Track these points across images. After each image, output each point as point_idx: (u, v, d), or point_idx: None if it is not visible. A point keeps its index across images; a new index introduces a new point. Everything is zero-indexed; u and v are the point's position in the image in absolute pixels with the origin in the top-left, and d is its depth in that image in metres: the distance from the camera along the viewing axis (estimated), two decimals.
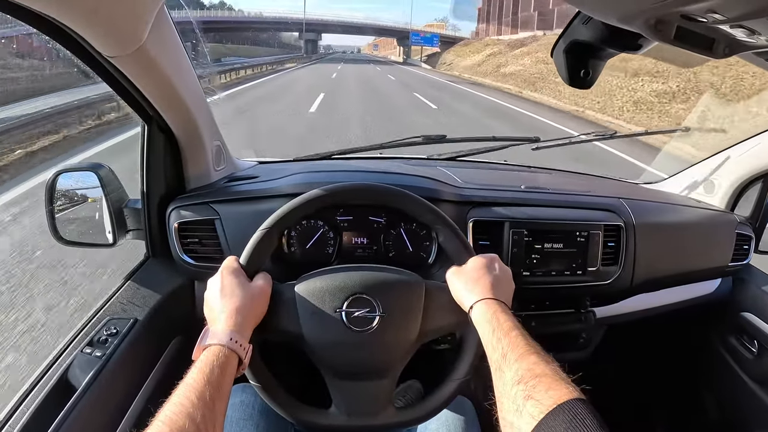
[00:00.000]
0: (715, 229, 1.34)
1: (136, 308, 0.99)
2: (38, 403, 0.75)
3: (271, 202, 1.04)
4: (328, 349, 0.78)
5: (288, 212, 0.83)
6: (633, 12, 0.52)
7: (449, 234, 0.85)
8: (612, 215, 1.16)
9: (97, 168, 1.06)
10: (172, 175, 1.11)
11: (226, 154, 1.25)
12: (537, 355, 0.63)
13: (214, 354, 0.65)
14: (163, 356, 1.01)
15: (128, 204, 1.10)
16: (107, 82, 0.84)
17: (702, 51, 0.57)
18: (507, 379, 0.61)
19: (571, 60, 0.76)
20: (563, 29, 0.74)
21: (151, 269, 1.11)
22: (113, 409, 0.85)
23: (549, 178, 1.51)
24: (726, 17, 0.45)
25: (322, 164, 1.44)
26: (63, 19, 0.66)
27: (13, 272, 2.93)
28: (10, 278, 2.84)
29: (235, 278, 0.76)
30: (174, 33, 0.86)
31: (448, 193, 1.11)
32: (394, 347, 0.80)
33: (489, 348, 0.68)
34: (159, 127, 1.02)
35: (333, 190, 0.85)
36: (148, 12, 0.73)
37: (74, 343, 0.88)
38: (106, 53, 0.75)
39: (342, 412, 0.80)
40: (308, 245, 1.07)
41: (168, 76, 0.88)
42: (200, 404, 0.57)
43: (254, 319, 0.74)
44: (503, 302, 0.75)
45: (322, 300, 0.79)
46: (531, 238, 1.09)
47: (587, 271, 1.12)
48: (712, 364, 1.43)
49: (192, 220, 1.05)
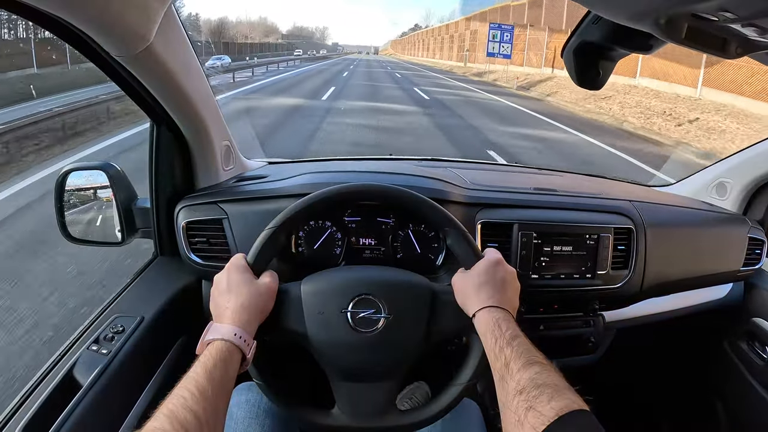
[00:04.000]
0: (727, 232, 1.32)
1: (143, 306, 0.99)
2: (43, 400, 0.75)
3: (279, 202, 1.04)
4: (332, 349, 0.78)
5: (296, 212, 0.83)
6: (643, 11, 0.51)
7: (457, 236, 0.84)
8: (622, 218, 1.15)
9: (106, 167, 1.07)
10: (181, 174, 1.11)
11: (235, 154, 1.26)
12: (540, 365, 0.62)
13: (218, 349, 0.65)
14: (169, 355, 1.01)
15: (137, 203, 1.11)
16: (116, 82, 0.85)
17: (714, 51, 0.56)
18: (509, 389, 0.60)
19: (581, 60, 0.75)
20: (573, 29, 0.73)
21: (159, 268, 1.12)
22: (118, 407, 0.85)
23: (559, 180, 1.50)
24: (737, 16, 0.44)
25: (331, 165, 1.44)
26: (71, 20, 0.66)
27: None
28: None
29: (242, 275, 0.76)
30: (182, 33, 0.87)
31: (456, 194, 1.10)
32: (398, 349, 0.79)
33: (492, 357, 0.68)
34: (168, 126, 1.03)
35: (339, 190, 0.85)
36: (155, 12, 0.74)
37: (80, 340, 0.89)
38: (114, 53, 0.76)
39: (345, 413, 0.79)
40: (316, 246, 1.07)
41: (176, 76, 0.88)
42: (201, 398, 0.57)
43: (259, 317, 0.74)
44: (507, 310, 0.74)
45: (327, 300, 0.79)
46: (540, 240, 1.08)
47: (597, 275, 1.11)
48: (722, 370, 1.41)
49: (200, 219, 1.05)
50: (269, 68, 26.98)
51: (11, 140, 6.07)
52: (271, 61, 31.91)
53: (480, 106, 13.56)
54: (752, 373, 1.31)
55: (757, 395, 1.27)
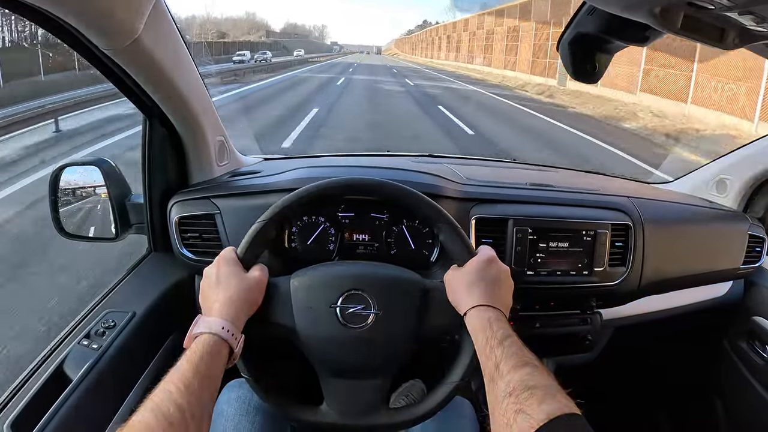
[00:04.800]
0: (727, 230, 1.30)
1: (135, 302, 0.99)
2: (32, 394, 0.75)
3: (272, 197, 1.03)
4: (320, 345, 0.77)
5: (286, 205, 0.82)
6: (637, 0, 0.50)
7: (451, 232, 0.83)
8: (620, 214, 1.14)
9: (100, 163, 1.07)
10: (174, 169, 1.11)
11: (230, 150, 1.25)
12: (531, 366, 0.61)
13: (205, 342, 0.64)
14: (161, 351, 1.01)
15: (131, 198, 1.11)
16: (106, 75, 0.84)
17: (711, 42, 0.55)
18: (499, 391, 0.59)
19: (577, 53, 0.74)
20: (568, 21, 0.72)
21: (152, 264, 1.12)
22: (108, 402, 0.85)
23: (556, 176, 1.48)
24: (734, 3, 0.43)
25: (326, 160, 1.43)
26: (57, 12, 0.65)
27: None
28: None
29: (231, 268, 0.75)
30: (172, 26, 0.86)
31: (450, 190, 1.09)
32: (388, 346, 0.79)
33: (482, 357, 0.67)
34: (160, 121, 1.02)
35: (330, 184, 0.84)
36: (143, 4, 0.73)
37: (71, 335, 0.89)
38: (102, 46, 0.75)
39: (333, 410, 0.79)
40: (309, 241, 1.07)
41: (166, 70, 0.87)
42: (187, 392, 0.57)
43: (248, 310, 0.73)
44: (498, 309, 0.73)
45: (316, 294, 0.78)
46: (535, 236, 1.07)
47: (594, 272, 1.10)
48: (721, 369, 1.40)
49: (192, 214, 1.05)
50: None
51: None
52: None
53: None
54: (752, 372, 1.29)
55: (756, 395, 1.26)
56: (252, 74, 21.39)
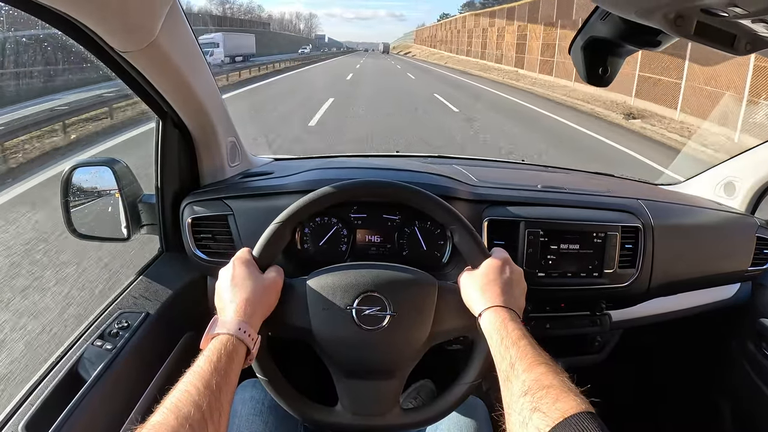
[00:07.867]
0: (735, 232, 1.30)
1: (148, 302, 0.99)
2: (47, 395, 0.76)
3: (285, 198, 1.04)
4: (336, 346, 0.78)
5: (301, 207, 0.82)
6: (652, 6, 0.50)
7: (465, 234, 0.83)
8: (630, 216, 1.14)
9: (112, 163, 1.07)
10: (187, 170, 1.11)
11: (241, 151, 1.26)
12: (545, 366, 0.61)
13: (222, 343, 0.65)
14: (174, 351, 1.01)
15: (143, 199, 1.11)
16: (121, 77, 0.85)
17: (723, 47, 0.55)
18: (514, 390, 0.60)
19: (589, 57, 0.74)
20: (581, 25, 0.72)
21: (164, 264, 1.12)
22: (122, 403, 0.85)
23: (566, 178, 1.49)
24: (747, 11, 0.43)
25: (337, 161, 1.44)
26: (74, 14, 0.66)
27: None
28: None
29: (247, 269, 0.76)
30: (187, 28, 0.87)
31: (463, 192, 1.10)
32: (403, 347, 0.79)
33: (497, 357, 0.67)
34: (173, 123, 1.03)
35: (345, 186, 0.84)
36: (160, 7, 0.74)
37: (85, 335, 0.89)
38: (118, 48, 0.76)
39: (348, 411, 0.79)
40: (322, 242, 1.07)
41: (181, 72, 0.88)
42: (206, 392, 0.57)
43: (264, 311, 0.74)
44: (513, 310, 0.73)
45: (333, 296, 0.78)
46: (547, 238, 1.07)
47: (604, 273, 1.10)
48: (729, 371, 1.40)
49: (205, 215, 1.05)
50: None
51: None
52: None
53: None
54: (759, 373, 1.29)
55: (764, 397, 1.26)
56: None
